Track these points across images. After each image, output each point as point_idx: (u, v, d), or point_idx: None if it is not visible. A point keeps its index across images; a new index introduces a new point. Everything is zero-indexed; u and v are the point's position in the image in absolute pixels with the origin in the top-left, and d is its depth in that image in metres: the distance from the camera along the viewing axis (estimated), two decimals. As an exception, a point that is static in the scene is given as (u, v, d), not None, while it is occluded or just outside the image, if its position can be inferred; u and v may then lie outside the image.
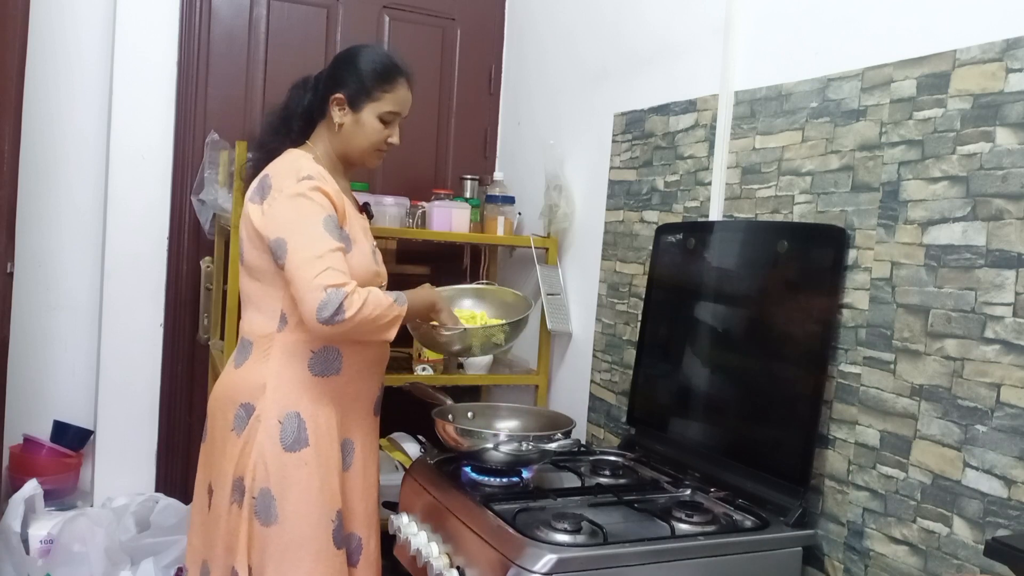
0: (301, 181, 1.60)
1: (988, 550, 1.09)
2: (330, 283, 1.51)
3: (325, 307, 1.50)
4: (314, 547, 1.60)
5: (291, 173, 1.63)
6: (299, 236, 1.57)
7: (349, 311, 1.51)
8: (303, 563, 1.59)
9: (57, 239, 2.66)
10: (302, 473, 1.61)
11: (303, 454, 1.62)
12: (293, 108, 1.79)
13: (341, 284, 1.52)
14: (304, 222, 1.58)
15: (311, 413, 1.64)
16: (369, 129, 1.74)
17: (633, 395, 2.05)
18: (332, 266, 1.53)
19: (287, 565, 1.59)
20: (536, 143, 2.72)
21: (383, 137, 1.76)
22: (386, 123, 1.75)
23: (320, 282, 1.51)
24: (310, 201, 1.59)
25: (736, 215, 1.84)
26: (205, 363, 2.72)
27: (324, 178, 1.64)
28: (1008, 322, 1.27)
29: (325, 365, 1.66)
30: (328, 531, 1.62)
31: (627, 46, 2.28)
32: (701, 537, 1.44)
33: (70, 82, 2.63)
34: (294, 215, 1.59)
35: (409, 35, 2.93)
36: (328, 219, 1.59)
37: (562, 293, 2.51)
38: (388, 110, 1.73)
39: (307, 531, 1.60)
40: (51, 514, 2.41)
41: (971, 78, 1.34)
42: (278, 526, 1.59)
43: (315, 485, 1.62)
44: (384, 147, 1.78)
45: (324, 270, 1.52)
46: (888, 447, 1.44)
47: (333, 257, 1.55)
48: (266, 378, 1.64)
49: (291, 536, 1.59)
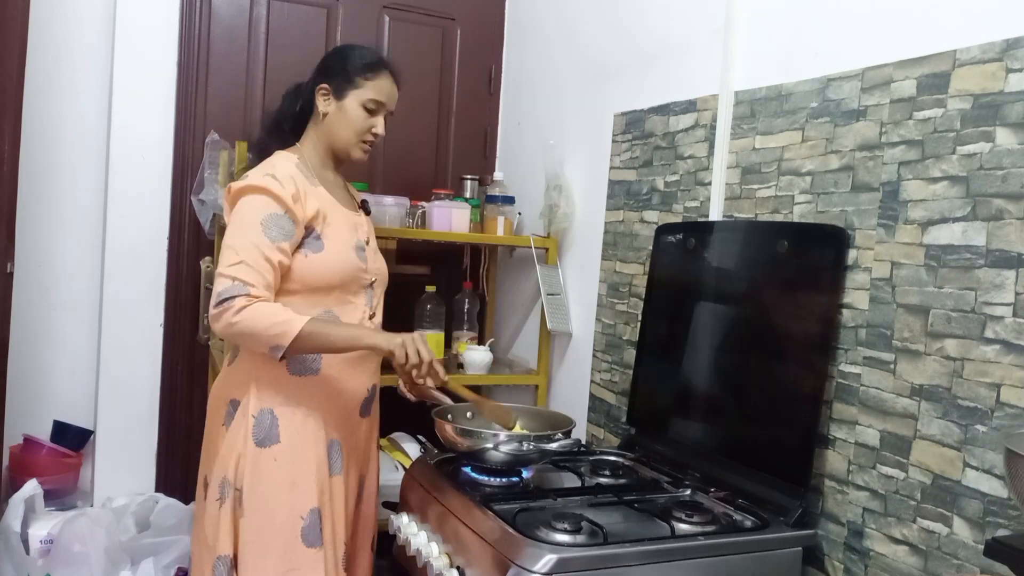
0: (264, 177, 1.64)
1: (988, 550, 1.10)
2: (238, 276, 1.56)
3: (223, 292, 1.55)
4: (280, 543, 1.62)
5: (259, 170, 1.68)
6: (235, 226, 1.63)
7: (236, 307, 1.54)
8: (269, 557, 1.61)
9: (57, 239, 2.66)
10: (272, 469, 1.63)
11: (273, 450, 1.64)
12: (285, 111, 1.84)
13: (248, 282, 1.56)
14: (244, 216, 1.62)
15: (286, 411, 1.66)
16: (352, 116, 1.75)
17: (633, 395, 2.05)
18: (246, 261, 1.57)
19: (255, 557, 1.61)
20: (536, 143, 2.72)
21: (367, 127, 1.76)
22: (370, 112, 1.76)
23: (231, 272, 1.56)
24: (258, 197, 1.63)
25: (736, 215, 1.84)
26: (205, 363, 2.71)
27: (293, 180, 1.66)
28: (1008, 322, 1.27)
29: (302, 365, 1.67)
30: (296, 528, 1.62)
31: (627, 46, 2.28)
32: (701, 537, 1.44)
33: (70, 82, 2.63)
34: (239, 207, 1.64)
35: (409, 35, 2.93)
36: (271, 218, 1.61)
37: (562, 293, 2.51)
38: (371, 98, 1.75)
39: (274, 525, 1.62)
40: (51, 514, 2.41)
41: (971, 78, 1.34)
42: (246, 519, 1.62)
43: (285, 481, 1.63)
44: (369, 138, 1.78)
45: (238, 263, 1.57)
46: (888, 447, 1.44)
47: (253, 255, 1.58)
48: (251, 375, 1.67)
49: (258, 529, 1.62)
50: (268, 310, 1.56)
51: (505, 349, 2.87)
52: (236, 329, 1.56)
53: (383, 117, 1.79)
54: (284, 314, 1.57)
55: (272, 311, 1.57)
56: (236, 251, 1.58)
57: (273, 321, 1.55)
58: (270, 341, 1.56)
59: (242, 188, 1.65)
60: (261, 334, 1.56)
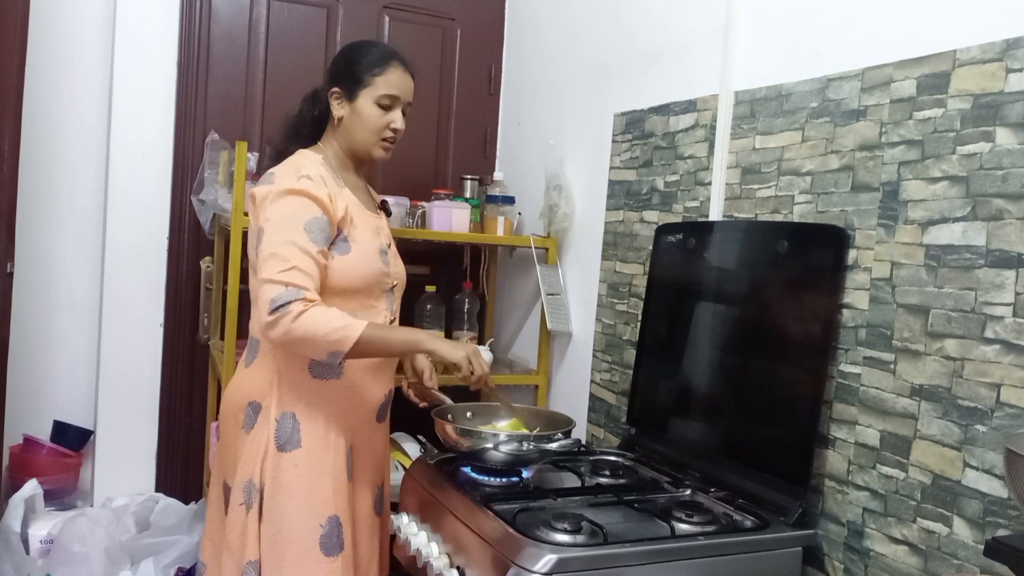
0: (300, 179, 1.61)
1: (988, 550, 1.10)
2: (292, 281, 1.52)
3: (278, 299, 1.51)
4: (298, 550, 1.60)
5: (292, 171, 1.65)
6: (277, 230, 1.58)
7: (294, 312, 1.51)
8: (285, 565, 1.60)
9: (57, 239, 2.66)
10: (291, 475, 1.62)
11: (294, 455, 1.62)
12: (304, 117, 1.82)
13: (302, 287, 1.53)
14: (287, 219, 1.59)
15: (307, 415, 1.64)
16: (366, 116, 1.72)
17: (633, 395, 2.05)
18: (298, 267, 1.54)
19: (272, 564, 1.60)
20: (536, 143, 2.72)
21: (383, 123, 1.74)
22: (385, 108, 1.73)
23: (283, 277, 1.52)
24: (298, 199, 1.60)
25: (736, 215, 1.84)
26: (205, 363, 2.71)
27: (324, 180, 1.65)
28: (1008, 322, 1.27)
29: (325, 368, 1.66)
30: (315, 536, 1.61)
31: (627, 46, 2.28)
32: (701, 537, 1.44)
33: (70, 82, 2.63)
34: (279, 209, 1.60)
35: (409, 35, 2.93)
36: (313, 221, 1.59)
37: (562, 293, 2.51)
38: (383, 93, 1.72)
39: (291, 533, 1.60)
40: (51, 514, 2.41)
41: (971, 78, 1.34)
42: (265, 524, 1.61)
43: (303, 488, 1.62)
44: (388, 135, 1.75)
45: (290, 268, 1.53)
46: (888, 447, 1.44)
47: (303, 259, 1.55)
48: (272, 377, 1.65)
49: (275, 536, 1.60)
50: (326, 315, 1.53)
51: (505, 349, 2.87)
52: (295, 335, 1.51)
53: (400, 111, 1.75)
54: (343, 319, 1.53)
55: (330, 316, 1.53)
56: (284, 256, 1.54)
57: (333, 326, 1.52)
58: (330, 347, 1.53)
59: (281, 191, 1.60)
60: (320, 340, 1.52)
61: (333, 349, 1.53)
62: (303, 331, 1.51)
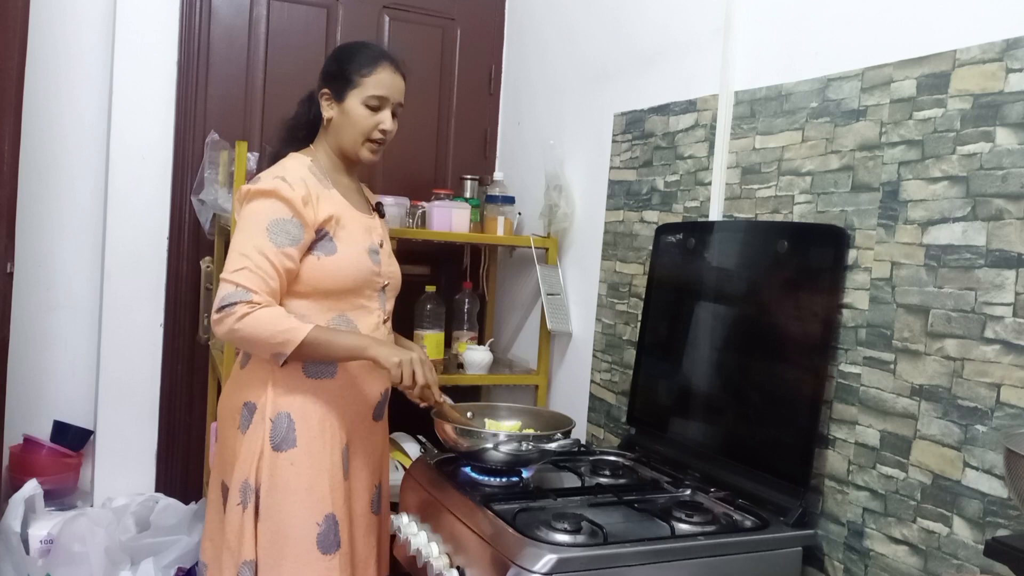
0: (274, 180, 1.63)
1: (988, 550, 1.10)
2: (241, 282, 1.56)
3: (225, 298, 1.56)
4: (296, 548, 1.61)
5: (271, 174, 1.67)
6: (241, 230, 1.63)
7: (238, 313, 1.54)
8: (284, 563, 1.60)
9: (57, 239, 2.66)
10: (288, 474, 1.63)
11: (290, 454, 1.63)
12: (299, 119, 1.83)
13: (250, 288, 1.56)
14: (251, 220, 1.62)
15: (302, 415, 1.65)
16: (355, 117, 1.72)
17: (633, 395, 2.05)
18: (249, 267, 1.57)
19: (270, 563, 1.61)
20: (536, 143, 2.72)
21: (371, 124, 1.73)
22: (373, 109, 1.72)
23: (234, 278, 1.56)
24: (266, 201, 1.62)
25: (736, 215, 1.84)
26: (205, 363, 2.71)
27: (305, 183, 1.65)
28: (1008, 322, 1.27)
29: (319, 367, 1.67)
30: (312, 534, 1.62)
31: (627, 46, 2.28)
32: (701, 537, 1.44)
33: (70, 82, 2.63)
34: (248, 211, 1.64)
35: (409, 35, 2.93)
36: (278, 222, 1.60)
37: (562, 293, 2.51)
38: (371, 94, 1.71)
39: (289, 532, 1.61)
40: (51, 514, 2.41)
41: (971, 78, 1.34)
42: (262, 524, 1.61)
43: (301, 486, 1.63)
44: (377, 136, 1.74)
45: (241, 268, 1.57)
46: (888, 447, 1.44)
47: (258, 259, 1.58)
48: (266, 378, 1.66)
49: (273, 535, 1.61)
50: (271, 317, 1.56)
51: (505, 349, 2.87)
52: (238, 335, 1.56)
53: (390, 112, 1.74)
54: (287, 322, 1.57)
55: (275, 318, 1.56)
56: (240, 256, 1.58)
57: (276, 329, 1.56)
58: (273, 348, 1.57)
59: (251, 192, 1.64)
60: (264, 341, 1.57)
61: (276, 351, 1.58)
62: (247, 331, 1.56)
